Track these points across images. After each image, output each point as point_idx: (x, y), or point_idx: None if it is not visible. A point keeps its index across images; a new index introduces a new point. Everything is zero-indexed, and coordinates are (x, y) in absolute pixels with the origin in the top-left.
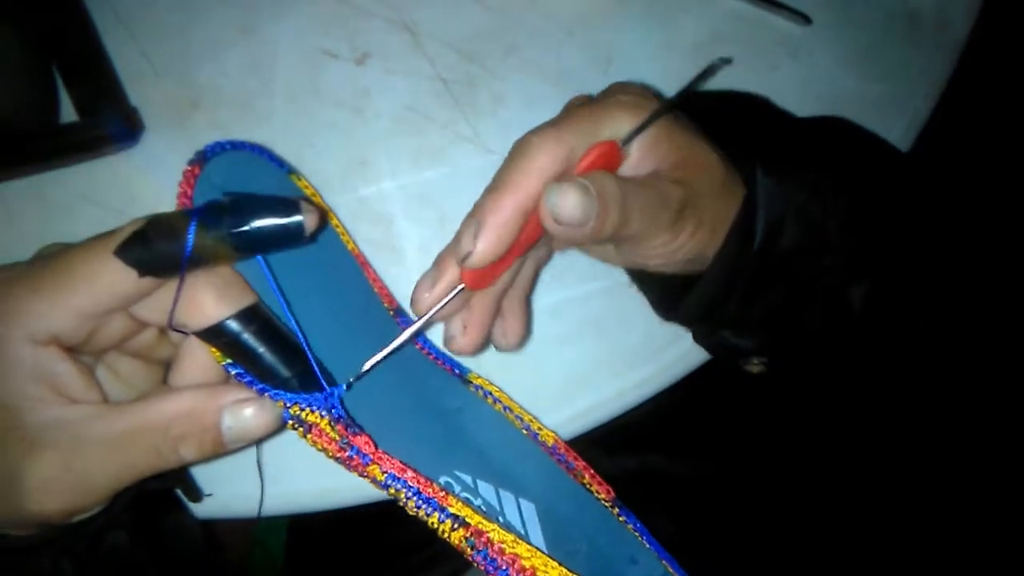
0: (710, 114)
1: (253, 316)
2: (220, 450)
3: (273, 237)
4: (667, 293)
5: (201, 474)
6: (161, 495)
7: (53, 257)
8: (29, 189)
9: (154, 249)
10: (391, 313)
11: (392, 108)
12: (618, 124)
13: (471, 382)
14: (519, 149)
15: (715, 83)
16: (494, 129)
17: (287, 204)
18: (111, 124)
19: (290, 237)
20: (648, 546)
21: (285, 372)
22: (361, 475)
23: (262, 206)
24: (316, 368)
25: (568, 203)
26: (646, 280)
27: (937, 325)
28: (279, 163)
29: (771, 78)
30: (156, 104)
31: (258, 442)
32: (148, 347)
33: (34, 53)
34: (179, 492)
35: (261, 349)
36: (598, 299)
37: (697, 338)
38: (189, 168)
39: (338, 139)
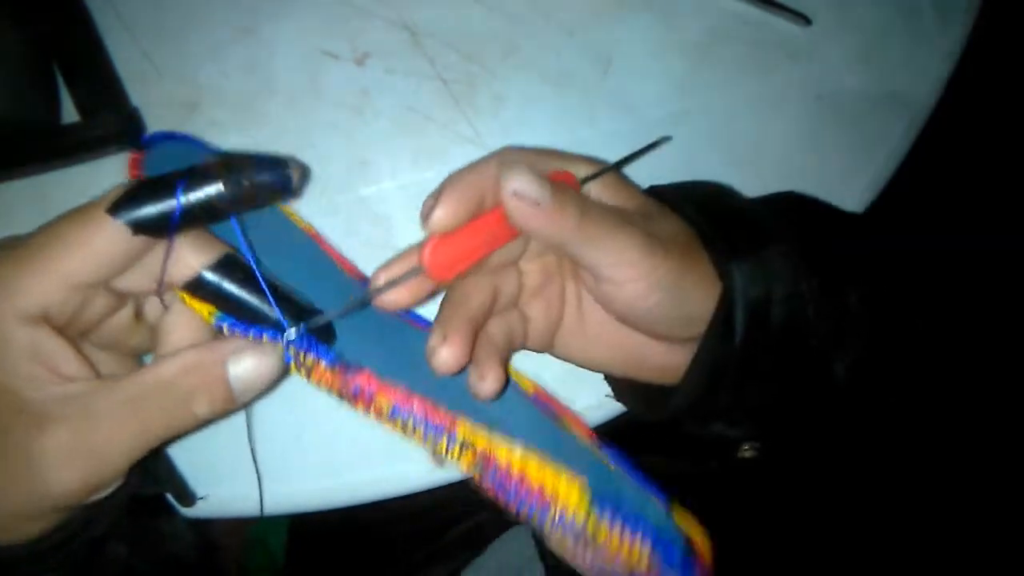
0: (672, 207)
1: (231, 264)
2: (232, 404)
3: (265, 190)
4: (650, 397)
5: (200, 473)
6: (153, 500)
7: (38, 231)
8: (30, 189)
9: (148, 206)
10: (356, 279)
11: (392, 108)
12: (578, 167)
13: None
14: (492, 154)
15: (716, 83)
16: (494, 129)
17: (275, 160)
18: (112, 124)
19: (280, 189)
20: (633, 480)
21: (273, 313)
22: (367, 410)
23: (253, 162)
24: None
25: (522, 175)
26: (626, 391)
27: (922, 390)
28: (216, 151)
29: (771, 79)
30: (157, 104)
31: (264, 391)
32: (123, 334)
33: (35, 53)
34: (170, 497)
35: (244, 294)
36: None
37: (687, 429)
38: (133, 156)
39: (338, 139)
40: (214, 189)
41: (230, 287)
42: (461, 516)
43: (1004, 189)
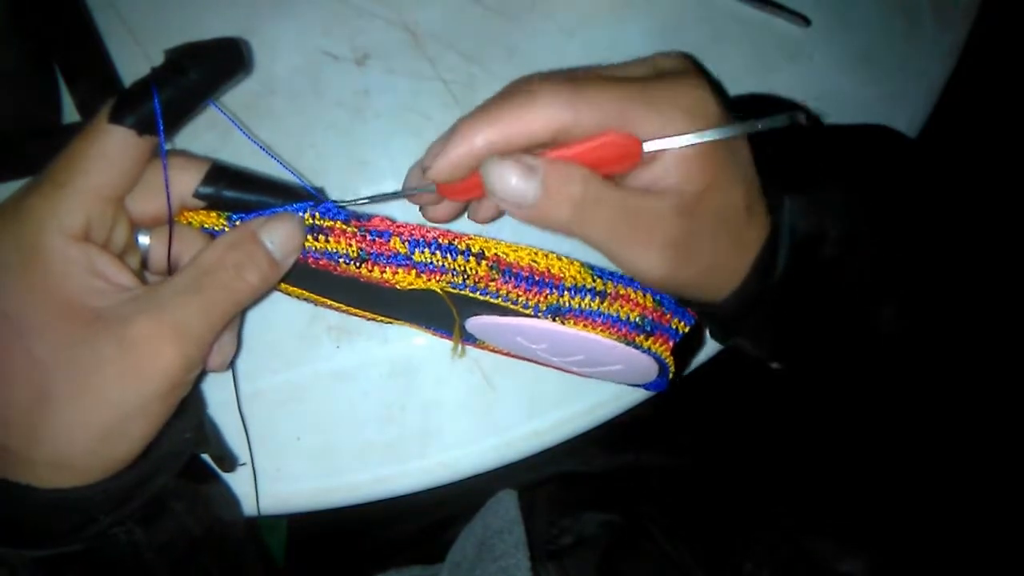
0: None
1: (219, 173)
2: (276, 269)
3: (221, 56)
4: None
5: None
6: (198, 466)
7: (58, 157)
8: None
9: (140, 105)
10: None
11: (392, 108)
12: (654, 118)
13: None
14: (525, 91)
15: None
16: None
17: (219, 41)
18: None
19: (234, 57)
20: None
21: (274, 201)
22: (385, 264)
23: (200, 44)
24: (303, 182)
25: (501, 179)
26: None
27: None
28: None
29: (770, 80)
30: None
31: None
32: None
33: (36, 53)
34: (210, 460)
35: (241, 194)
36: None
37: (713, 336)
38: None
39: (338, 139)
40: (186, 72)
41: (227, 194)
42: (461, 516)
43: (1003, 190)
